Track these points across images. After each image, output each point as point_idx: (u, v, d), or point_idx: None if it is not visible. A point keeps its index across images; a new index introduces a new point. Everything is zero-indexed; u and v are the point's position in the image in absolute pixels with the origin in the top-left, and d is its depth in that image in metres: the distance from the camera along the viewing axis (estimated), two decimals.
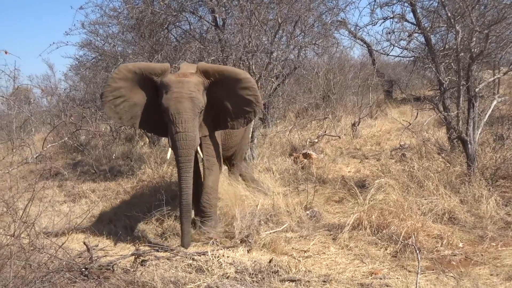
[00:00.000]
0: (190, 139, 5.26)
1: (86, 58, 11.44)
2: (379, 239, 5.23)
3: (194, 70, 5.55)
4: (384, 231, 5.29)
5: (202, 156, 5.62)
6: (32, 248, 3.58)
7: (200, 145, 5.66)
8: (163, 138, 10.83)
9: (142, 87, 5.57)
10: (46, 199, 6.79)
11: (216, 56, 8.38)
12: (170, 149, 5.46)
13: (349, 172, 8.65)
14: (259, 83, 8.35)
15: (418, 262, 3.87)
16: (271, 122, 12.35)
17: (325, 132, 11.36)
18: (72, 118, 7.51)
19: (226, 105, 5.71)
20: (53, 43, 9.47)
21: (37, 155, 5.19)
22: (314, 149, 9.82)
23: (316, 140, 10.61)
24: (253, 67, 8.38)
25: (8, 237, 3.39)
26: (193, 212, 6.25)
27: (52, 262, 3.69)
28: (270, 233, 5.48)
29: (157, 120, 5.59)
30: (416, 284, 3.62)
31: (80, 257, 4.48)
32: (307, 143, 10.31)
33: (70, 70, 13.33)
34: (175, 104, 5.21)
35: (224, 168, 7.02)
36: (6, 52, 4.62)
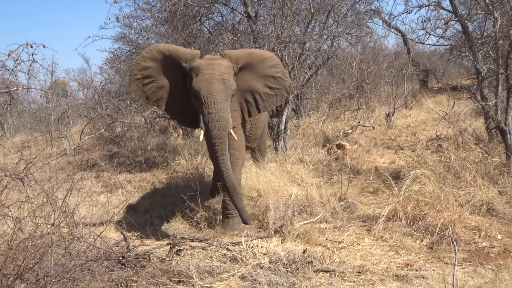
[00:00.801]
0: (223, 120, 5.13)
1: (120, 51, 11.61)
2: (414, 231, 5.17)
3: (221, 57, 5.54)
4: (420, 223, 5.23)
5: (235, 138, 5.47)
6: (71, 237, 3.67)
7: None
8: (196, 130, 10.90)
9: (170, 71, 5.51)
10: (84, 190, 6.94)
11: (249, 47, 8.37)
12: (202, 131, 5.29)
13: (383, 163, 8.56)
14: (291, 74, 8.32)
15: (455, 254, 3.81)
16: (304, 113, 12.31)
17: (359, 122, 11.26)
18: (108, 110, 7.63)
19: (257, 87, 5.68)
20: (89, 37, 9.69)
21: (74, 146, 5.28)
22: (348, 140, 9.75)
23: (349, 131, 10.52)
24: (286, 58, 8.35)
25: (49, 226, 3.47)
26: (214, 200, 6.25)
27: (90, 250, 3.78)
28: (304, 224, 5.48)
29: (182, 106, 5.54)
30: (453, 276, 3.56)
31: (117, 246, 4.56)
32: (341, 134, 10.24)
33: (105, 63, 13.56)
34: (206, 86, 5.11)
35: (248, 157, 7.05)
36: (44, 46, 4.70)
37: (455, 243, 3.93)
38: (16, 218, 3.56)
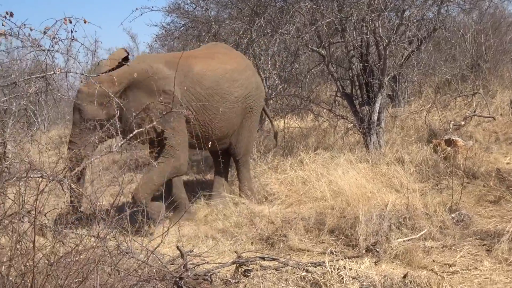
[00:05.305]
0: None
1: (174, 26, 11.79)
2: None
3: None
4: None
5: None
6: (119, 252, 3.78)
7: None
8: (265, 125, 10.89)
9: None
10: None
11: (333, 17, 8.31)
12: None
13: (507, 163, 8.32)
14: (387, 50, 8.20)
15: None
16: (403, 100, 12.15)
17: (474, 112, 10.96)
18: (161, 98, 7.79)
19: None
20: (136, 9, 9.85)
21: (121, 143, 5.41)
22: (460, 135, 9.53)
23: (462, 123, 10.27)
24: (380, 30, 8.24)
25: (92, 239, 3.58)
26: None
27: (142, 269, 3.88)
28: (404, 241, 5.41)
29: None
30: None
31: (172, 264, 4.67)
32: (451, 126, 9.99)
33: (155, 41, 13.84)
34: None
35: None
36: (85, 21, 4.81)
37: None
38: (55, 229, 3.71)
